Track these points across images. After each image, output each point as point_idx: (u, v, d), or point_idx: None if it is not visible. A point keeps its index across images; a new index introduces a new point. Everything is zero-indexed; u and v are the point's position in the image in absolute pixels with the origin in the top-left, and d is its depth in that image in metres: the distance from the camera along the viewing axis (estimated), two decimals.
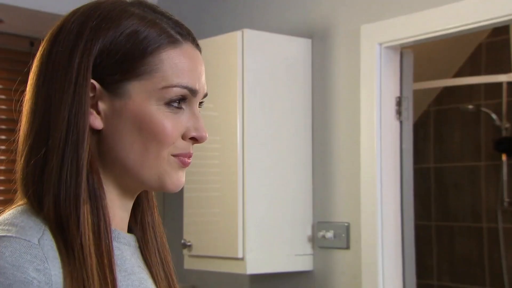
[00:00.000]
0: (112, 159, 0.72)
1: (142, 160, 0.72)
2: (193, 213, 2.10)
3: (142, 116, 0.71)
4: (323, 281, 2.04)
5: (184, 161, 0.75)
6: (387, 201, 1.95)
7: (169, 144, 0.73)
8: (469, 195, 3.14)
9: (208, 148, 2.06)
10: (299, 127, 2.10)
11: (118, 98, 0.71)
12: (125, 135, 0.72)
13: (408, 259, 2.01)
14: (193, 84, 0.74)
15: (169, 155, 0.73)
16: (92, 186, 0.70)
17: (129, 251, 0.76)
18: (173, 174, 0.74)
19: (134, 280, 0.74)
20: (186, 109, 0.74)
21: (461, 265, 3.14)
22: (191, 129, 0.75)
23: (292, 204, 2.05)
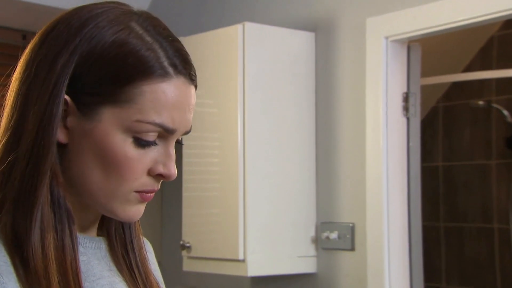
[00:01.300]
0: (72, 174, 0.72)
1: (99, 188, 0.72)
2: (192, 214, 2.10)
3: (107, 144, 0.70)
4: (327, 284, 2.04)
5: (146, 197, 0.73)
6: (393, 201, 1.96)
7: (132, 179, 0.71)
8: (479, 195, 3.14)
9: (207, 146, 2.06)
10: (302, 125, 2.10)
11: (89, 120, 0.71)
12: (87, 158, 0.71)
13: (416, 261, 2.01)
14: (170, 123, 0.71)
15: (130, 192, 0.72)
16: (57, 200, 0.70)
17: (98, 255, 0.77)
18: (129, 209, 0.73)
19: (104, 284, 0.75)
20: (159, 144, 0.72)
21: (471, 267, 3.14)
22: (159, 165, 0.72)
23: (295, 203, 2.06)
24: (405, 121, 2.01)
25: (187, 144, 2.08)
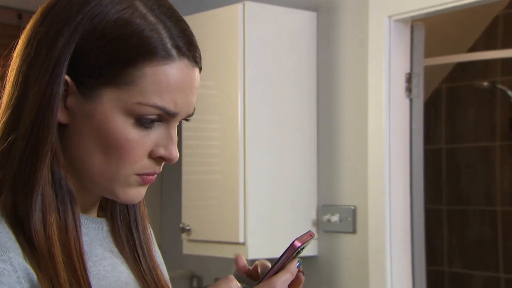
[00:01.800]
0: (73, 155, 0.73)
1: (100, 170, 0.72)
2: (192, 197, 2.11)
3: (107, 127, 0.70)
4: (328, 267, 2.06)
5: (147, 180, 0.73)
6: (395, 184, 1.96)
7: (132, 162, 0.71)
8: (482, 177, 3.14)
9: (207, 128, 2.06)
10: (303, 106, 2.10)
11: (88, 101, 0.70)
12: (87, 140, 0.71)
13: (417, 245, 2.02)
14: (172, 106, 0.71)
15: (131, 174, 0.72)
16: (58, 180, 0.71)
17: (100, 236, 0.78)
18: (130, 191, 0.74)
19: (106, 265, 0.76)
20: (160, 127, 0.72)
21: (474, 250, 3.16)
22: (160, 147, 0.72)
23: (295, 186, 2.07)
24: (408, 102, 2.00)
25: (186, 127, 2.09)
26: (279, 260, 0.71)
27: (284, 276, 0.70)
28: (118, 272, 0.77)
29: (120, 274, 0.77)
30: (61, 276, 0.67)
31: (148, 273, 0.81)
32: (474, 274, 3.15)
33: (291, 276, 0.70)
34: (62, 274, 0.67)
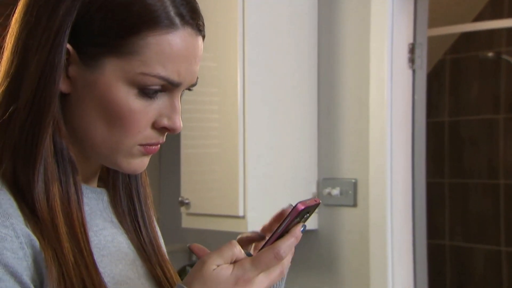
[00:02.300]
0: (75, 125, 0.73)
1: (103, 140, 0.72)
2: (191, 171, 2.12)
3: (110, 97, 0.70)
4: (328, 240, 2.08)
5: (150, 150, 0.74)
6: (397, 157, 1.97)
7: (135, 133, 0.71)
8: (485, 151, 3.15)
9: (206, 101, 2.06)
10: (304, 78, 2.10)
11: (90, 71, 0.70)
12: (90, 110, 0.71)
13: (419, 218, 2.04)
14: (176, 76, 0.71)
15: (134, 145, 0.73)
16: (60, 151, 0.71)
17: (100, 206, 0.79)
18: (133, 161, 0.74)
19: (107, 235, 0.77)
20: (164, 97, 0.72)
21: (475, 224, 3.19)
22: (164, 117, 0.73)
23: (296, 159, 2.07)
24: (411, 73, 2.00)
25: (185, 100, 2.09)
26: (282, 223, 0.70)
27: (288, 241, 0.70)
28: (118, 243, 0.78)
29: (120, 244, 0.78)
30: (65, 246, 0.68)
31: (148, 244, 0.82)
32: (475, 248, 3.19)
33: (295, 241, 0.70)
34: (66, 244, 0.68)
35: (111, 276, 0.74)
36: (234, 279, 0.67)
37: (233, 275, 0.67)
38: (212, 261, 0.68)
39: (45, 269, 0.66)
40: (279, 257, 0.68)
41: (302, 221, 0.73)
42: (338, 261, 2.06)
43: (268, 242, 0.71)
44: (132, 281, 0.76)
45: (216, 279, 0.67)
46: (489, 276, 3.13)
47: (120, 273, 0.75)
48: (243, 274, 0.67)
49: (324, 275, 2.09)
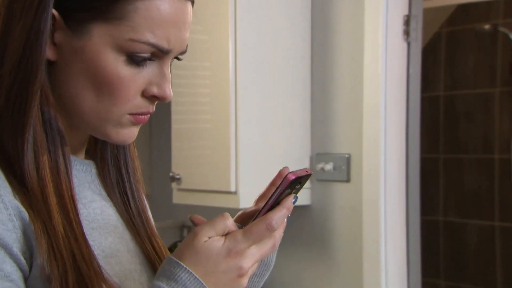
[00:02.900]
0: (62, 94, 0.72)
1: (91, 109, 0.72)
2: (182, 146, 2.13)
3: (98, 63, 0.70)
4: (321, 216, 2.10)
5: (140, 119, 0.74)
6: (391, 131, 1.98)
7: (124, 101, 0.71)
8: (481, 125, 3.17)
9: (197, 75, 2.06)
10: (297, 51, 2.09)
11: (77, 37, 0.70)
12: (78, 77, 0.71)
13: (413, 194, 2.06)
14: (165, 43, 0.71)
15: (124, 114, 0.72)
16: (48, 120, 0.71)
17: (88, 178, 0.79)
18: (123, 131, 0.74)
19: (95, 208, 0.77)
20: (153, 64, 0.72)
21: (469, 200, 3.23)
22: (153, 86, 0.73)
23: (289, 134, 2.08)
24: (406, 46, 2.00)
25: (175, 74, 2.08)
26: (273, 194, 0.71)
27: (280, 212, 0.70)
28: (107, 215, 0.78)
29: (109, 217, 0.79)
30: (55, 218, 0.68)
31: (137, 216, 0.82)
32: (469, 223, 3.23)
33: (287, 212, 0.71)
34: (56, 216, 0.68)
35: (101, 249, 0.74)
36: (226, 251, 0.68)
37: (225, 247, 0.68)
38: (204, 233, 0.68)
39: (34, 241, 0.67)
40: (270, 228, 0.69)
41: (294, 192, 0.73)
42: (331, 237, 2.08)
43: (259, 214, 0.71)
44: (121, 254, 0.77)
45: (208, 251, 0.67)
46: (483, 251, 3.18)
47: (110, 246, 0.76)
48: (234, 245, 0.68)
49: (317, 251, 2.12)
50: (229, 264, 0.67)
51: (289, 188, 0.71)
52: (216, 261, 0.67)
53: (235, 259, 0.68)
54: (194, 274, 0.67)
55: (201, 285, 0.67)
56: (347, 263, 2.04)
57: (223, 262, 0.67)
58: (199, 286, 0.67)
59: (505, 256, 3.10)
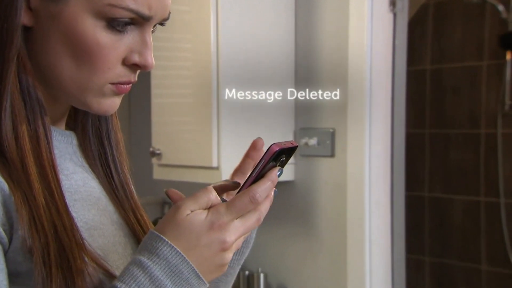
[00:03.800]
0: (40, 62, 0.72)
1: (71, 78, 0.71)
2: (162, 121, 2.12)
3: (76, 30, 0.69)
4: (305, 192, 2.12)
5: (121, 89, 0.73)
6: (376, 105, 1.99)
7: (105, 69, 0.71)
8: (467, 99, 3.21)
9: (179, 48, 2.05)
10: (280, 23, 2.09)
11: (54, 2, 0.69)
12: (55, 45, 0.70)
13: (398, 169, 2.08)
14: (147, 9, 0.70)
15: (105, 83, 0.72)
16: (26, 88, 0.70)
17: (69, 149, 0.79)
18: (104, 101, 0.73)
19: (78, 180, 0.77)
20: (134, 31, 0.71)
21: (455, 175, 3.27)
22: (135, 54, 0.72)
23: (272, 110, 2.09)
24: (391, 17, 2.00)
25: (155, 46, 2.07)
26: (257, 166, 0.70)
27: (264, 184, 0.70)
28: (89, 187, 0.78)
29: (92, 189, 0.79)
30: (35, 188, 0.68)
31: (120, 189, 0.83)
32: (455, 199, 3.28)
33: (271, 184, 0.70)
34: (36, 186, 0.68)
35: (84, 221, 0.74)
36: (209, 224, 0.68)
37: (208, 220, 0.68)
38: (186, 206, 0.69)
39: (15, 212, 0.67)
40: (254, 201, 0.69)
41: (279, 165, 0.72)
42: (315, 213, 2.10)
43: (243, 187, 0.71)
44: (105, 227, 0.77)
45: (190, 225, 0.68)
46: (468, 227, 3.23)
47: (93, 218, 0.76)
48: (217, 219, 0.68)
49: (301, 227, 2.14)
50: (211, 237, 0.68)
51: (274, 160, 0.71)
52: (199, 235, 0.67)
53: (218, 233, 0.68)
54: (176, 248, 0.67)
55: (183, 259, 0.67)
56: (331, 239, 2.06)
57: (206, 236, 0.68)
58: (181, 260, 0.67)
59: (490, 231, 3.17)
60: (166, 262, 0.67)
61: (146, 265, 0.66)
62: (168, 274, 0.66)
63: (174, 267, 0.67)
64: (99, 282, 0.70)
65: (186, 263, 0.67)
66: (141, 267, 0.66)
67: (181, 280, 0.67)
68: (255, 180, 0.71)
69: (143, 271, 0.66)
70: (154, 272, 0.66)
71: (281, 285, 2.21)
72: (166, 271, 0.66)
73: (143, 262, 0.67)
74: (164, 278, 0.66)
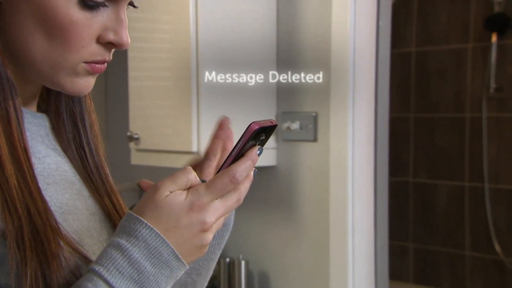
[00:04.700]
0: (10, 40, 0.71)
1: (43, 57, 0.70)
2: (140, 105, 2.12)
3: (48, 6, 0.68)
4: (287, 177, 2.14)
5: (96, 68, 0.73)
6: (360, 89, 2.00)
7: (78, 47, 0.70)
8: (453, 83, 3.24)
9: (157, 29, 2.04)
10: (261, 3, 2.09)
11: None
12: (26, 20, 0.69)
13: (381, 154, 2.10)
14: None
15: (79, 62, 0.71)
16: None
17: (42, 132, 0.78)
18: (78, 81, 0.73)
19: (50, 163, 0.77)
20: (108, 9, 0.71)
21: (440, 160, 3.31)
22: (109, 31, 0.72)
23: (254, 94, 2.09)
24: None
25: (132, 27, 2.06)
26: (236, 146, 0.70)
27: (244, 163, 0.70)
28: (63, 171, 0.78)
29: (66, 173, 0.79)
30: (7, 170, 0.68)
31: (95, 172, 0.82)
32: (439, 184, 3.32)
33: (252, 164, 0.71)
34: (8, 168, 0.68)
35: (58, 205, 0.74)
36: (188, 205, 0.68)
37: (187, 201, 0.68)
38: (165, 187, 0.69)
39: None
40: (234, 181, 0.69)
41: (258, 143, 0.72)
42: (297, 198, 2.12)
43: (222, 167, 0.71)
44: (80, 211, 0.77)
45: (169, 206, 0.68)
46: (452, 212, 3.28)
47: (67, 202, 0.76)
48: (197, 199, 0.68)
49: (283, 213, 2.16)
50: (191, 218, 0.68)
51: (253, 139, 0.71)
52: (178, 216, 0.68)
53: (198, 214, 0.68)
54: (155, 230, 0.67)
55: (163, 240, 0.67)
56: (313, 226, 2.08)
57: (185, 217, 0.68)
58: (161, 241, 0.67)
59: (474, 217, 3.22)
60: (145, 244, 0.67)
61: (124, 247, 0.67)
62: (148, 256, 0.67)
63: (153, 249, 0.67)
64: (76, 266, 0.70)
65: (166, 245, 0.67)
66: (119, 250, 0.67)
67: (161, 262, 0.67)
68: (234, 160, 0.71)
69: (122, 253, 0.66)
70: (133, 254, 0.66)
71: (263, 272, 2.24)
72: (145, 253, 0.67)
73: (121, 245, 0.67)
74: (143, 260, 0.66)
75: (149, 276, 0.67)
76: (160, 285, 0.67)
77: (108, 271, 0.66)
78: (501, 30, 3.01)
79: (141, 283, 0.66)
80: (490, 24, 3.04)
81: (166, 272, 0.68)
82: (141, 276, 0.66)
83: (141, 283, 0.66)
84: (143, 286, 0.66)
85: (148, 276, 0.67)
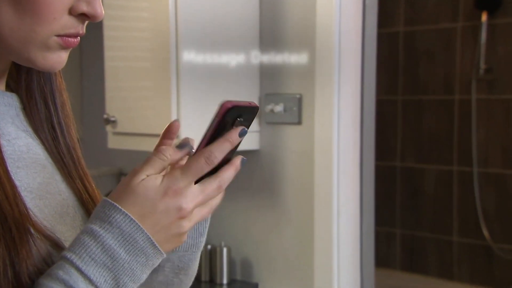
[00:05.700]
0: None
1: (12, 29, 0.69)
2: (117, 86, 2.11)
3: None
4: (271, 161, 2.15)
5: (69, 42, 0.72)
6: (345, 70, 2.01)
7: (49, 19, 0.69)
8: (442, 64, 3.26)
9: (135, 7, 2.03)
10: None
11: None
12: None
13: (367, 137, 2.11)
14: None
15: (50, 35, 0.70)
16: None
17: (11, 113, 0.77)
18: (50, 56, 0.72)
19: (21, 145, 0.76)
20: None
21: (428, 144, 3.34)
22: (82, 2, 0.71)
23: (235, 74, 2.09)
24: None
25: (109, 4, 2.04)
26: (210, 127, 0.69)
27: (221, 144, 0.69)
28: (34, 154, 0.77)
29: (37, 156, 0.78)
30: None
31: (67, 154, 0.81)
32: (427, 168, 3.35)
33: (229, 144, 0.70)
34: None
35: (29, 190, 0.73)
36: (164, 190, 0.67)
37: (162, 186, 0.68)
38: (142, 171, 0.68)
39: None
40: (210, 162, 0.68)
41: (237, 124, 0.70)
42: (281, 183, 2.13)
43: (198, 149, 0.70)
44: (52, 196, 0.76)
45: (145, 190, 0.67)
46: (440, 196, 3.32)
47: (39, 187, 0.75)
48: (173, 183, 0.68)
49: (266, 198, 2.17)
50: (167, 204, 0.67)
51: (229, 121, 0.70)
52: (154, 201, 0.67)
53: (174, 199, 0.68)
54: (130, 216, 0.67)
55: (138, 227, 0.67)
56: (298, 211, 2.10)
57: (161, 202, 0.67)
58: (136, 228, 0.67)
59: (462, 202, 3.25)
60: (119, 230, 0.66)
61: (98, 233, 0.66)
62: (122, 243, 0.66)
63: (128, 235, 0.66)
64: (47, 254, 0.69)
65: (141, 231, 0.67)
66: (92, 236, 0.66)
67: (136, 249, 0.67)
68: (209, 141, 0.70)
69: (95, 240, 0.66)
70: (107, 241, 0.66)
71: (245, 259, 2.25)
72: (120, 240, 0.66)
73: (94, 231, 0.66)
74: (117, 247, 0.66)
75: (124, 264, 0.66)
76: (135, 272, 0.67)
77: (81, 258, 0.65)
78: (491, 9, 3.03)
79: (115, 270, 0.66)
80: (480, 2, 3.05)
81: (141, 260, 0.67)
82: (115, 263, 0.66)
83: (115, 270, 0.66)
84: (117, 274, 0.66)
85: (123, 263, 0.66)
